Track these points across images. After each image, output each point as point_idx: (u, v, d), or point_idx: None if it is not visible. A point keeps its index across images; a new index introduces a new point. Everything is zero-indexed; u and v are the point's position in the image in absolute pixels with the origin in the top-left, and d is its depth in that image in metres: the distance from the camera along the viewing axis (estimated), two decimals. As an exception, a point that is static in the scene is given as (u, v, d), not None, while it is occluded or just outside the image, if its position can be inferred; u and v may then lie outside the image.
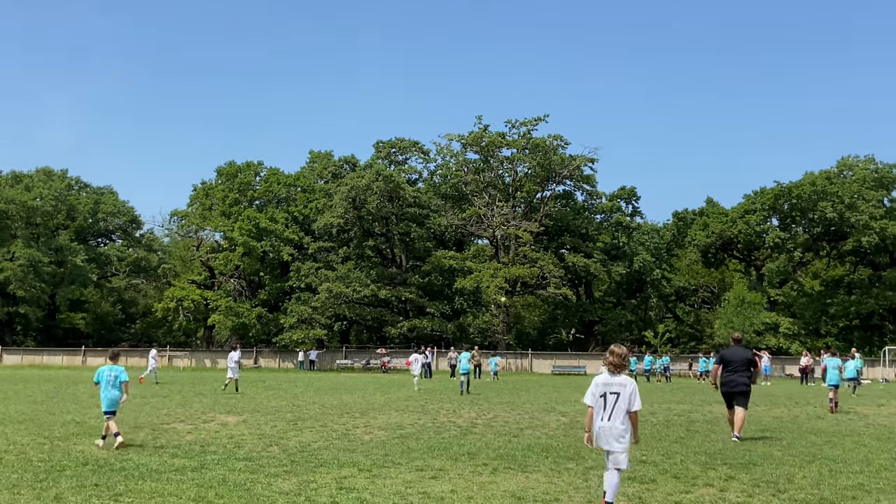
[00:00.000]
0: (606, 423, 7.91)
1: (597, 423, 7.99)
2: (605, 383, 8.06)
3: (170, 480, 9.39)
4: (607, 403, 7.95)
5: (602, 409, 7.97)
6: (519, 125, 67.60)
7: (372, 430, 15.32)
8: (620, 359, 8.10)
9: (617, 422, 7.89)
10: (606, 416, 7.93)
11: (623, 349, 8.24)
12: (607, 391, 7.99)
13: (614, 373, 8.08)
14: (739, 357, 14.58)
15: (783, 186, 64.50)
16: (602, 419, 7.94)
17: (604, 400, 7.98)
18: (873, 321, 67.43)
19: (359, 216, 62.12)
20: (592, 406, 8.07)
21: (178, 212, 73.67)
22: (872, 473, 10.44)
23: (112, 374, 13.00)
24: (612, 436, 7.87)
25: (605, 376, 8.15)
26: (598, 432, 7.96)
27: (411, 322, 61.00)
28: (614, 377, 8.05)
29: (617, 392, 7.94)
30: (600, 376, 8.24)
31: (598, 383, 8.11)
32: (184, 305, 64.72)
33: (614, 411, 7.91)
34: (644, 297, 74.65)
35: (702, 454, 12.18)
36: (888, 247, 63.15)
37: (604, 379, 8.13)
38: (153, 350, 40.38)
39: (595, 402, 8.06)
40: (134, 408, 19.86)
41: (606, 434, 7.89)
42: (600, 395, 8.02)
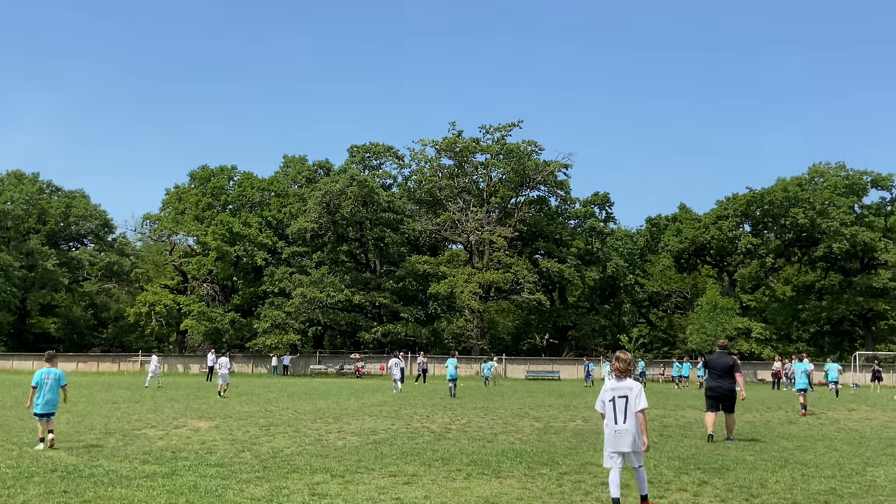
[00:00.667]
0: (623, 425, 8.23)
1: (611, 427, 8.29)
2: (613, 388, 8.42)
3: (140, 487, 9.27)
4: (617, 407, 8.29)
5: (613, 413, 8.30)
6: (493, 131, 67.83)
7: (345, 435, 15.23)
8: (626, 364, 8.54)
9: (631, 423, 8.21)
10: (621, 419, 8.26)
11: (628, 355, 8.71)
12: (615, 395, 8.34)
13: (621, 378, 8.47)
14: (723, 363, 15.17)
15: (755, 193, 65.08)
16: (617, 422, 8.26)
17: (613, 404, 8.32)
18: (844, 326, 68.17)
19: (333, 221, 61.95)
20: (603, 412, 8.43)
21: (151, 216, 73.17)
22: (844, 478, 10.51)
23: (51, 376, 13.03)
24: (629, 437, 8.17)
25: (613, 382, 8.53)
26: (615, 436, 8.24)
27: (385, 327, 60.89)
28: (621, 382, 8.43)
29: (625, 395, 8.30)
30: (608, 383, 8.62)
31: (606, 389, 8.49)
32: (156, 310, 64.21)
33: (627, 414, 8.24)
34: (617, 302, 74.99)
35: (675, 459, 12.21)
36: (858, 253, 63.86)
37: (611, 385, 8.49)
38: (154, 356, 39.76)
39: (605, 407, 8.39)
40: (104, 413, 19.65)
41: (624, 436, 8.19)
42: (609, 400, 8.36)
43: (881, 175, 66.38)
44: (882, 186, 66.99)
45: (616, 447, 8.21)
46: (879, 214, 65.81)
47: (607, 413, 8.35)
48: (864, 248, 62.62)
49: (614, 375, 8.64)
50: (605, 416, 8.38)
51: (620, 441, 8.19)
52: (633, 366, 8.78)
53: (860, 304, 62.71)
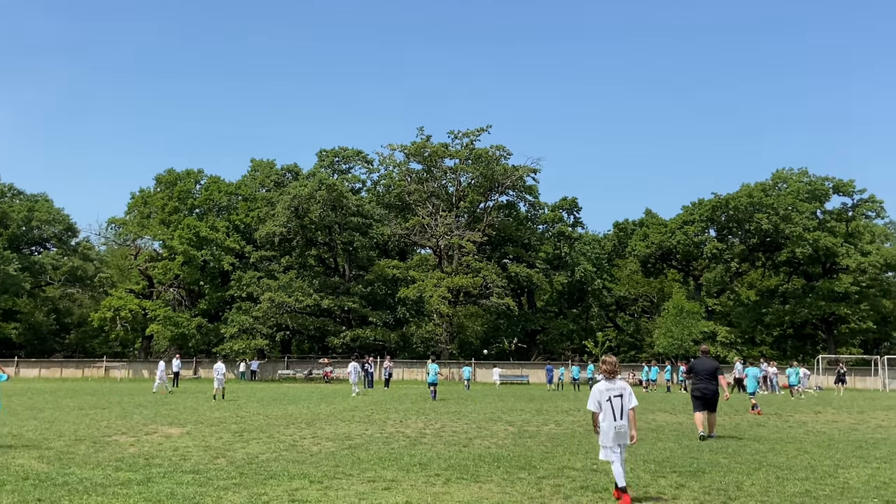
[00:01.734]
0: (621, 421, 9.10)
1: (611, 423, 9.09)
2: (608, 389, 9.21)
3: (116, 495, 9.15)
4: (614, 406, 9.13)
5: (611, 411, 9.12)
6: (461, 136, 67.89)
7: (320, 440, 15.16)
8: (613, 366, 9.36)
9: (626, 420, 9.13)
10: (619, 416, 9.11)
11: (613, 357, 9.50)
12: (611, 395, 9.16)
13: (611, 379, 9.29)
14: (708, 367, 16.38)
15: (721, 198, 65.76)
16: (616, 419, 9.09)
17: (610, 404, 9.14)
18: (806, 330, 69.08)
19: (301, 225, 61.65)
20: (598, 412, 9.22)
21: (116, 220, 72.25)
22: (817, 480, 10.64)
23: None
24: (626, 432, 9.12)
25: (605, 383, 9.27)
26: (615, 431, 9.06)
27: (354, 332, 60.66)
28: (613, 383, 9.26)
29: (620, 395, 9.17)
30: (600, 384, 9.34)
31: (601, 390, 9.23)
32: (121, 315, 63.35)
33: (623, 411, 9.13)
34: (585, 306, 75.39)
35: (650, 462, 12.31)
36: (821, 258, 64.81)
37: (605, 386, 9.24)
38: (161, 362, 39.44)
39: (601, 407, 9.19)
40: (72, 419, 19.38)
41: (622, 431, 9.09)
42: (606, 400, 9.15)
43: (842, 181, 67.44)
44: (843, 192, 68.05)
45: (618, 441, 9.04)
46: (841, 220, 66.87)
47: (605, 411, 9.10)
48: (826, 253, 63.56)
49: (604, 377, 9.33)
50: (603, 414, 9.11)
51: (621, 435, 9.06)
52: (618, 367, 9.48)
53: (822, 308, 63.59)
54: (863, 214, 68.54)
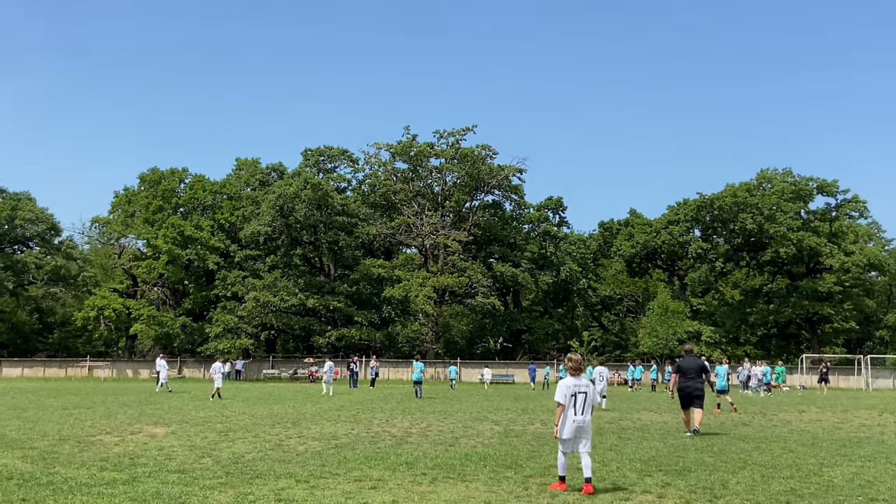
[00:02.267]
0: (581, 416, 9.64)
1: (571, 417, 9.62)
2: (575, 385, 9.74)
3: (101, 494, 9.09)
4: (578, 401, 9.66)
5: (574, 406, 9.64)
6: (447, 135, 67.89)
7: (306, 440, 15.12)
8: (577, 363, 9.90)
9: (588, 415, 9.70)
10: (580, 411, 9.65)
11: (578, 355, 10.08)
12: (577, 391, 9.69)
13: (576, 375, 9.84)
14: (694, 366, 17.03)
15: (705, 198, 66.04)
16: (577, 414, 9.62)
17: (574, 399, 9.66)
18: (790, 329, 69.50)
19: (286, 224, 61.51)
20: (564, 404, 9.64)
21: (100, 219, 71.90)
22: (802, 478, 10.70)
23: None
24: (587, 426, 9.67)
25: (572, 379, 9.80)
26: (577, 425, 9.60)
27: (339, 331, 60.58)
28: (579, 379, 9.81)
29: (585, 392, 9.72)
30: (567, 380, 9.85)
31: (569, 385, 9.73)
32: (105, 314, 63.01)
33: (585, 406, 9.68)
34: (571, 306, 75.53)
35: (637, 461, 12.33)
36: (804, 257, 65.20)
37: (572, 382, 9.77)
38: (161, 361, 38.90)
39: (567, 401, 9.65)
40: (56, 419, 19.25)
41: (582, 425, 9.62)
42: (571, 395, 9.67)
43: (826, 181, 67.89)
44: (827, 192, 68.51)
45: (578, 434, 9.57)
46: (825, 220, 67.31)
47: (568, 406, 9.62)
48: (810, 252, 63.97)
49: (570, 374, 9.89)
50: (567, 408, 9.62)
51: (581, 430, 9.60)
52: (583, 364, 10.16)
53: (806, 307, 64.00)
54: (846, 214, 69.03)
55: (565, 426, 9.60)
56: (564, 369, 10.26)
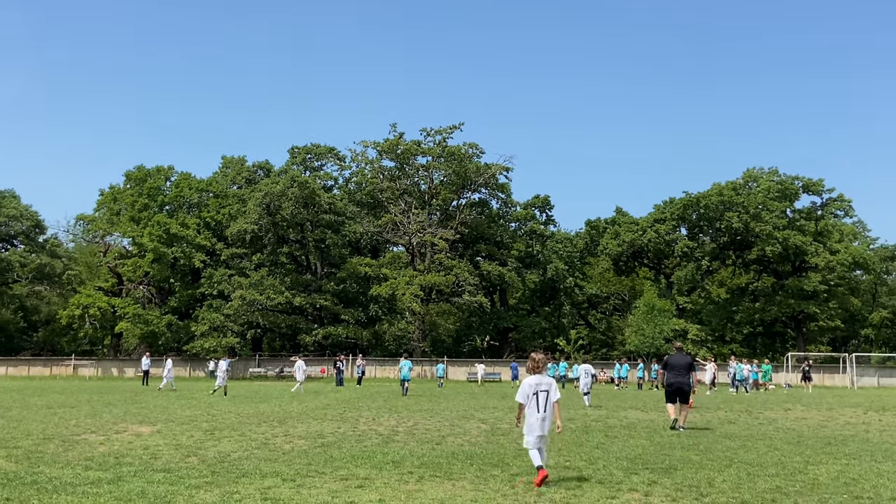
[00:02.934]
0: (543, 413, 10.02)
1: (534, 415, 10.00)
2: (536, 384, 10.11)
3: (86, 494, 9.04)
4: (540, 399, 10.03)
5: (536, 404, 10.01)
6: (434, 133, 67.81)
7: (292, 438, 15.08)
8: (538, 363, 10.36)
9: (548, 412, 10.07)
10: (542, 409, 10.02)
11: (541, 355, 10.53)
12: (538, 390, 10.06)
13: (536, 374, 10.25)
14: (681, 362, 17.79)
15: (692, 197, 66.22)
16: (539, 411, 10.00)
17: (536, 397, 10.04)
18: (776, 328, 69.83)
19: (273, 222, 61.34)
20: (524, 403, 10.07)
21: (85, 216, 71.44)
22: (788, 476, 10.75)
23: None
24: (548, 423, 10.03)
25: (534, 378, 10.18)
26: (538, 422, 9.97)
27: (326, 329, 60.47)
28: (540, 378, 10.20)
29: (546, 390, 10.10)
30: (529, 378, 10.24)
31: (530, 384, 10.11)
32: (90, 313, 62.68)
33: (547, 404, 10.05)
34: (557, 304, 75.59)
35: (623, 459, 12.36)
36: (790, 256, 65.51)
37: (534, 380, 10.14)
38: (169, 360, 39.95)
39: (528, 399, 10.04)
40: (40, 418, 19.14)
41: (543, 422, 9.99)
42: (533, 394, 10.05)
43: (811, 180, 68.27)
44: (812, 191, 68.89)
45: (541, 431, 9.96)
46: (810, 219, 67.67)
47: (531, 404, 10.03)
48: (796, 251, 64.27)
49: (531, 373, 10.31)
50: (528, 406, 10.03)
51: (544, 426, 10.00)
52: (545, 364, 10.56)
53: (792, 306, 64.31)
54: (832, 213, 69.43)
55: (532, 424, 10.00)
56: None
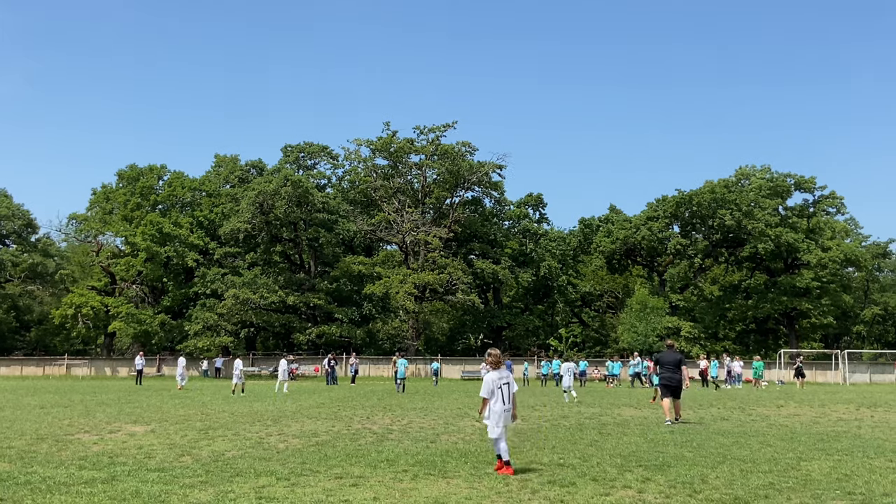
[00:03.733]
0: (508, 405, 10.71)
1: (500, 407, 10.61)
2: (499, 378, 10.76)
3: (80, 494, 9.03)
4: (504, 392, 10.70)
5: (500, 397, 10.64)
6: (427, 131, 67.66)
7: (286, 437, 15.08)
8: (498, 357, 10.96)
9: (510, 405, 10.74)
10: (507, 401, 10.70)
11: (497, 350, 11.11)
12: (501, 384, 10.72)
13: (497, 369, 10.84)
14: (673, 359, 18.71)
15: (684, 194, 66.23)
16: (505, 403, 10.66)
17: (500, 391, 10.68)
18: (769, 325, 69.98)
19: (266, 221, 61.24)
20: (488, 398, 10.66)
21: (77, 216, 71.29)
22: (781, 472, 10.78)
23: None
24: (510, 415, 10.75)
25: (496, 373, 10.79)
26: (503, 414, 10.60)
27: (319, 328, 60.43)
28: (501, 372, 10.84)
29: (507, 382, 10.80)
30: (491, 373, 10.79)
31: (493, 379, 10.72)
32: (83, 312, 62.56)
33: (509, 397, 10.72)
34: (551, 302, 75.65)
35: (617, 456, 12.38)
36: (783, 253, 65.66)
37: (496, 375, 10.76)
38: (181, 359, 40.69)
39: (492, 394, 10.65)
40: (33, 418, 19.11)
41: (507, 415, 10.68)
42: (497, 388, 10.68)
43: (804, 178, 68.41)
44: (805, 189, 69.03)
45: (505, 422, 10.63)
46: (802, 216, 67.84)
47: (496, 397, 10.62)
48: (788, 248, 64.42)
49: (492, 368, 10.86)
50: (493, 399, 10.60)
51: (507, 417, 10.68)
52: (502, 358, 11.11)
53: (784, 303, 64.42)
54: (824, 210, 69.59)
55: (498, 416, 10.58)
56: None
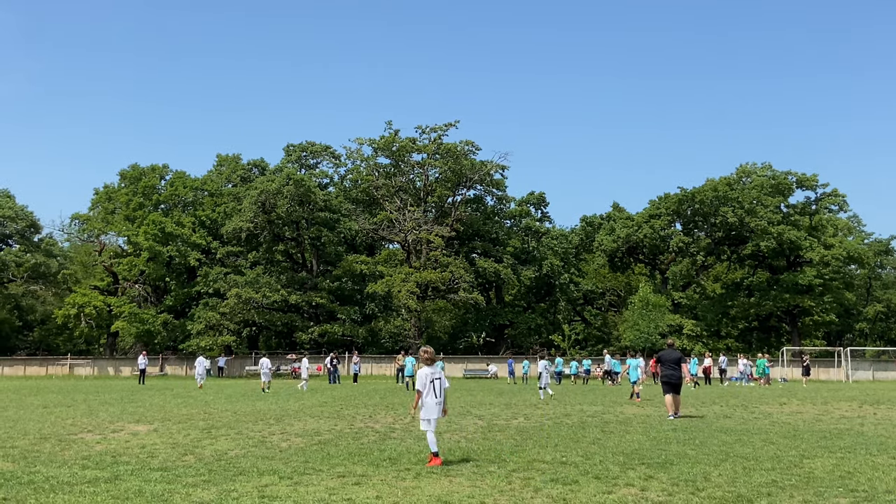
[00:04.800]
0: (438, 399, 11.37)
1: (430, 400, 11.31)
2: (430, 373, 11.44)
3: (83, 493, 9.04)
4: (436, 387, 11.38)
5: (432, 391, 11.33)
6: (429, 130, 67.70)
7: (289, 436, 15.09)
8: (431, 355, 11.66)
9: (441, 398, 11.43)
10: (439, 395, 11.39)
11: (430, 348, 11.85)
12: (433, 378, 11.42)
13: (430, 365, 11.55)
14: (673, 357, 19.78)
15: (686, 192, 66.23)
16: (437, 397, 11.35)
17: (432, 385, 11.36)
18: (771, 322, 69.92)
19: (269, 220, 61.28)
20: (422, 391, 11.33)
21: (80, 216, 71.36)
22: (784, 470, 10.77)
23: None
24: (440, 408, 11.39)
25: (427, 369, 11.48)
26: (433, 407, 11.30)
27: (322, 327, 60.48)
28: (433, 368, 11.53)
29: (439, 377, 11.49)
30: (424, 369, 11.51)
31: (426, 374, 11.42)
32: (85, 312, 62.60)
33: (440, 391, 11.39)
34: (553, 300, 75.65)
35: (619, 454, 12.37)
36: (785, 251, 65.60)
37: (429, 371, 11.46)
38: (201, 358, 41.61)
39: (426, 387, 11.33)
40: (36, 418, 19.13)
41: (438, 408, 11.35)
42: (430, 382, 11.36)
43: (805, 175, 68.34)
44: (807, 186, 68.97)
45: (435, 414, 11.29)
46: (804, 214, 67.78)
47: (428, 391, 11.28)
48: (791, 246, 64.37)
49: (425, 365, 11.52)
50: (426, 393, 11.26)
51: (438, 410, 11.33)
52: (435, 356, 11.83)
53: (787, 300, 64.36)
54: (826, 208, 69.51)
55: (431, 409, 11.27)
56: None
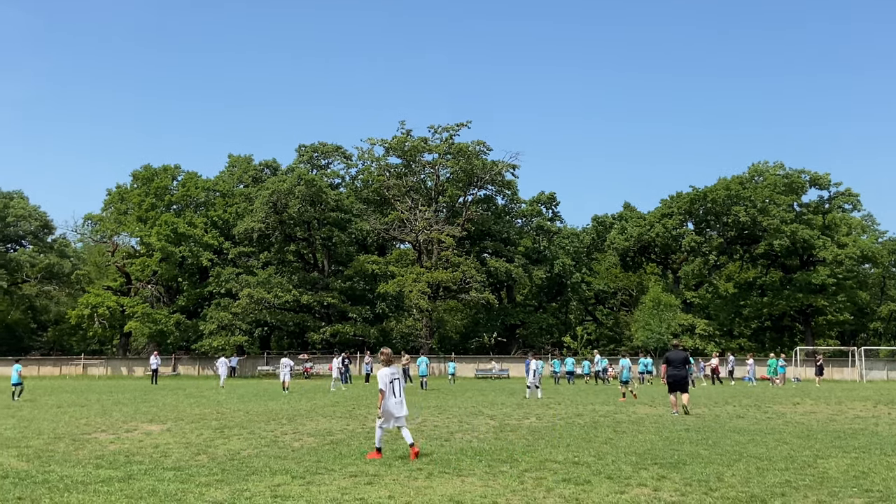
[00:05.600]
0: (399, 398, 11.98)
1: (392, 400, 11.87)
2: (392, 373, 12.02)
3: (97, 492, 9.09)
4: (395, 386, 11.99)
5: (393, 390, 11.94)
6: (441, 130, 67.59)
7: (301, 436, 15.13)
8: (389, 355, 12.39)
9: (403, 397, 12.07)
10: (398, 394, 11.99)
11: (389, 349, 12.62)
12: (394, 378, 12.03)
13: (390, 365, 12.13)
14: (680, 357, 20.68)
15: (699, 191, 65.94)
16: (396, 396, 11.94)
17: (393, 385, 11.95)
18: (784, 322, 69.54)
19: (280, 221, 61.37)
20: (385, 390, 11.81)
21: (93, 216, 71.62)
22: (797, 470, 10.73)
23: None
24: (403, 406, 12.02)
25: (388, 369, 12.02)
26: (396, 406, 11.87)
27: (333, 327, 60.52)
28: (393, 368, 12.12)
29: (399, 378, 12.16)
30: (385, 369, 12.01)
31: (387, 374, 11.95)
32: (99, 312, 62.77)
33: (401, 390, 12.06)
34: (564, 300, 75.49)
35: (632, 454, 12.36)
36: (798, 250, 65.23)
37: (389, 371, 12.00)
38: (223, 358, 42.12)
39: (388, 387, 11.85)
40: (51, 417, 19.23)
41: (400, 406, 11.96)
42: (390, 382, 11.93)
43: (818, 174, 67.90)
44: (820, 185, 68.53)
45: (398, 412, 11.85)
46: (817, 213, 67.35)
47: (388, 390, 11.82)
48: (804, 245, 63.98)
49: (384, 364, 12.12)
50: (386, 393, 11.78)
51: (401, 408, 11.93)
52: (393, 356, 12.51)
53: (800, 300, 63.98)
54: (839, 207, 69.05)
55: (391, 407, 11.81)
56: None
